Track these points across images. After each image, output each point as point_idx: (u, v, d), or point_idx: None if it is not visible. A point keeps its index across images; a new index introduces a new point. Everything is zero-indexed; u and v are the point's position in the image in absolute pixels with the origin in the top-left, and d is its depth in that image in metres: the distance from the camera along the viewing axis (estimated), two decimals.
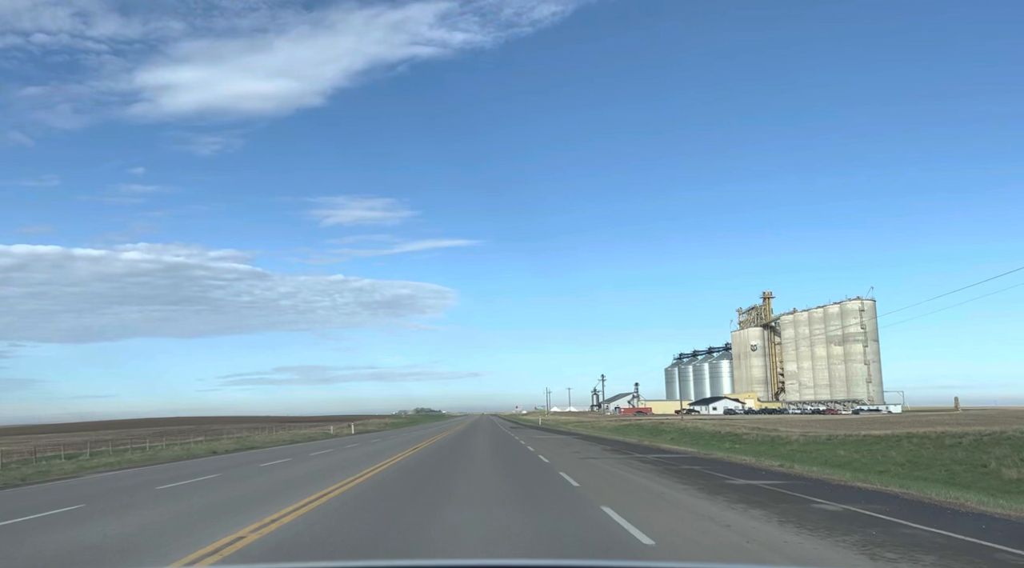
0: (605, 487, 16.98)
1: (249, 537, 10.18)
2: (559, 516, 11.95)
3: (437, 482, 18.23)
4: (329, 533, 10.37)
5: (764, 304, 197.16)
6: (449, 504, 13.70)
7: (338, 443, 49.21)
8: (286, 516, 12.23)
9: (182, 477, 22.06)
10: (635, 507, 13.08)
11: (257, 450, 42.09)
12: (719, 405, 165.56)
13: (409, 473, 21.34)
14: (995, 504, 13.43)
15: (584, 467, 23.38)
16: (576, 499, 14.54)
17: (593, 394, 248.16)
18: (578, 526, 10.87)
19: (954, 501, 13.89)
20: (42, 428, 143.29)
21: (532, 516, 11.89)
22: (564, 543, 9.42)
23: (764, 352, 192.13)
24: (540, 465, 24.17)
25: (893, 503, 13.78)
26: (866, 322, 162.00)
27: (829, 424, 59.47)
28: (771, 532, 10.42)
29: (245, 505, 14.14)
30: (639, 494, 15.52)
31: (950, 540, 9.76)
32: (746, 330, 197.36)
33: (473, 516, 11.99)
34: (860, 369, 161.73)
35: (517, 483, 17.97)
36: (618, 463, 24.44)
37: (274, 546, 9.42)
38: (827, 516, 12.05)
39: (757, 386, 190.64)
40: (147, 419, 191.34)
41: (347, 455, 32.32)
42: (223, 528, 11.11)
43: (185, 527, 11.47)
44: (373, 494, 15.75)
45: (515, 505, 13.45)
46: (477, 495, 15.30)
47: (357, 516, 12.22)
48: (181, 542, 9.98)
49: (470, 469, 22.57)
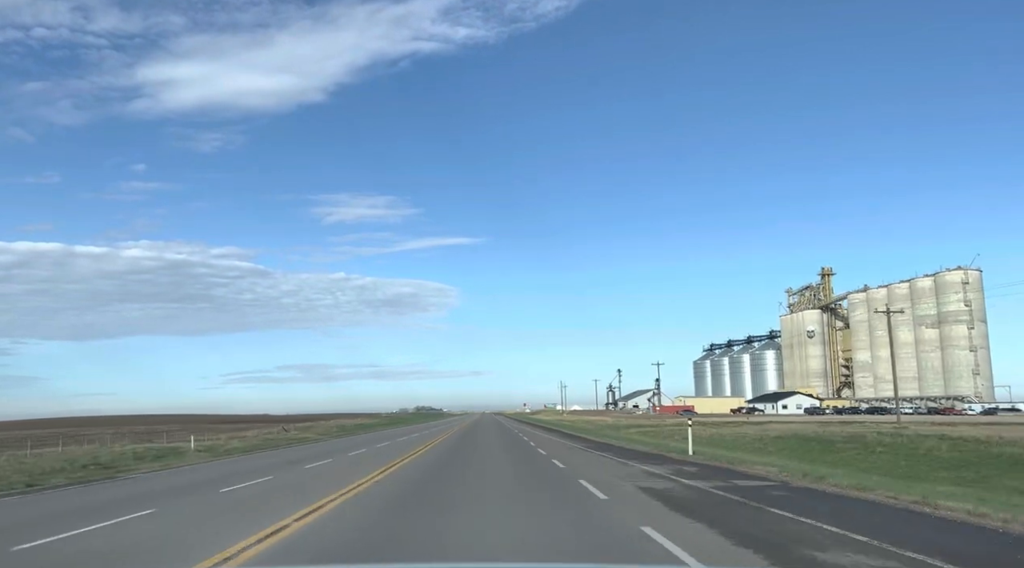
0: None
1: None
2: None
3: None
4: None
5: (823, 283, 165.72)
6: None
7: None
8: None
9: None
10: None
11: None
12: (788, 402, 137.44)
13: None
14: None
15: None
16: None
17: (608, 391, 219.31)
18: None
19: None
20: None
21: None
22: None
23: (823, 339, 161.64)
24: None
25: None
26: (971, 298, 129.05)
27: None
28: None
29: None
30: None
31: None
32: (799, 314, 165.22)
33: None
34: (963, 357, 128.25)
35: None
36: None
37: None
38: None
39: (814, 380, 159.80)
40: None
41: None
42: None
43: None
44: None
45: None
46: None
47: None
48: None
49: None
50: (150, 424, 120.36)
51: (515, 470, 22.12)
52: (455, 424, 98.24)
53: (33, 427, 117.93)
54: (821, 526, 10.89)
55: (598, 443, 39.92)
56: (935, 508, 12.56)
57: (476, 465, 24.30)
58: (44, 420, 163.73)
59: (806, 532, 10.41)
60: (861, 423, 57.36)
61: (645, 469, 22.02)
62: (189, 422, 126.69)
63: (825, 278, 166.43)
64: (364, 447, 39.16)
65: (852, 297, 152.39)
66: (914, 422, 55.00)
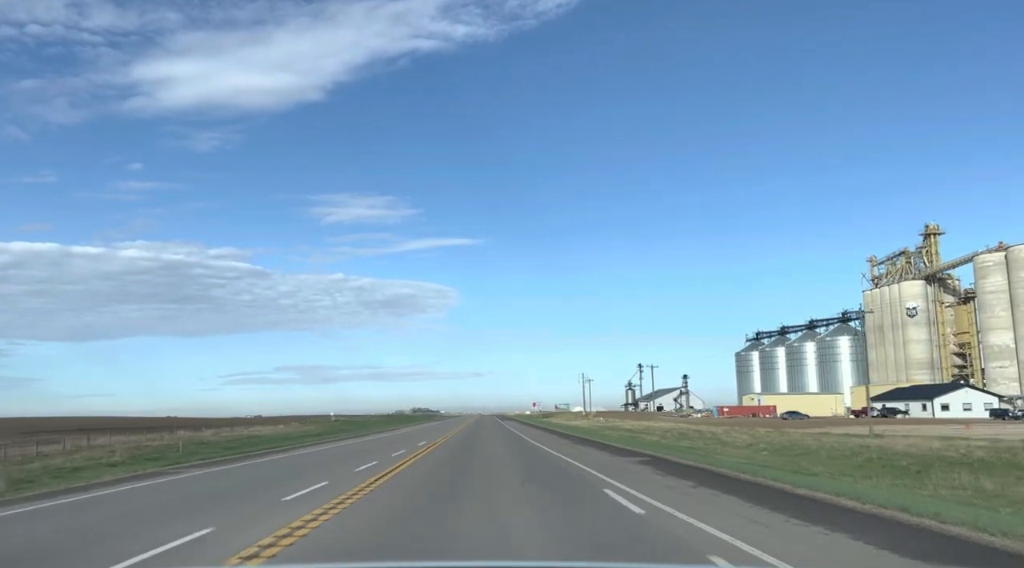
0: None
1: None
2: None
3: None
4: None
5: (927, 245, 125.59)
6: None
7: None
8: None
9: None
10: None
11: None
12: (950, 399, 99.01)
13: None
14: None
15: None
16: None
17: (628, 390, 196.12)
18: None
19: None
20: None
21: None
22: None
23: (929, 319, 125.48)
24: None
25: None
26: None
27: None
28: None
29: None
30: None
31: None
32: (892, 287, 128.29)
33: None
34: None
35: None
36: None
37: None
38: None
39: (916, 371, 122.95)
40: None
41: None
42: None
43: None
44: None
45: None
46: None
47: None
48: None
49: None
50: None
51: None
52: (441, 433, 61.75)
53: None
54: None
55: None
56: None
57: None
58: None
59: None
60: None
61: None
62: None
63: (930, 239, 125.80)
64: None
65: (982, 259, 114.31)
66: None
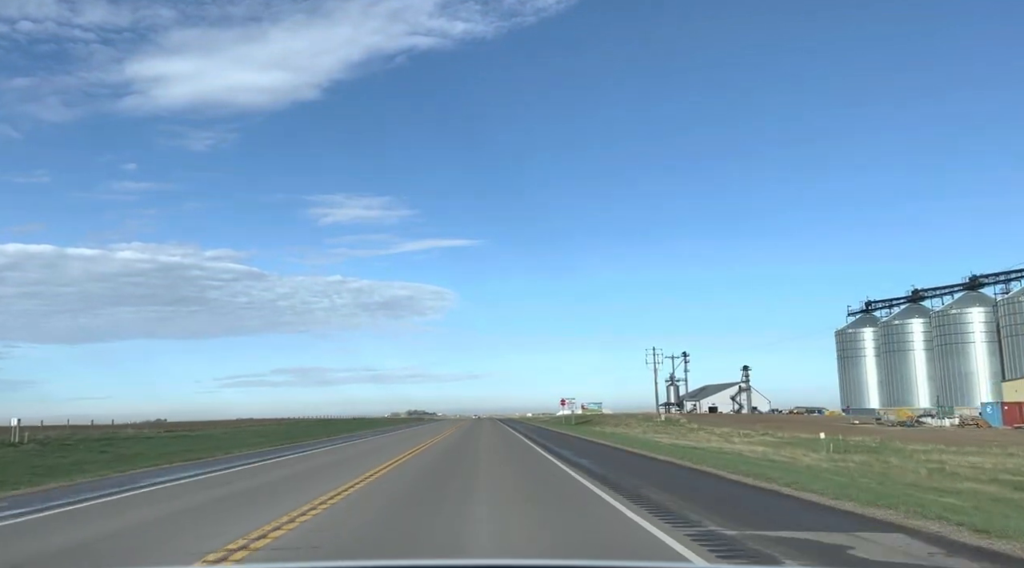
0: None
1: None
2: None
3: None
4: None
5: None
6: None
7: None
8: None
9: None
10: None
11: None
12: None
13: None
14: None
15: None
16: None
17: (669, 386, 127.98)
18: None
19: None
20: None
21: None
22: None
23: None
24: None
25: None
26: None
27: None
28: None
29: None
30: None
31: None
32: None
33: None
34: None
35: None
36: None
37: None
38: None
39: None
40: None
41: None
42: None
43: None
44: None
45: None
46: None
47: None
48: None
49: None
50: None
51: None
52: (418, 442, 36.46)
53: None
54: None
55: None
56: None
57: None
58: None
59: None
60: None
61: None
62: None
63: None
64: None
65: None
66: None
